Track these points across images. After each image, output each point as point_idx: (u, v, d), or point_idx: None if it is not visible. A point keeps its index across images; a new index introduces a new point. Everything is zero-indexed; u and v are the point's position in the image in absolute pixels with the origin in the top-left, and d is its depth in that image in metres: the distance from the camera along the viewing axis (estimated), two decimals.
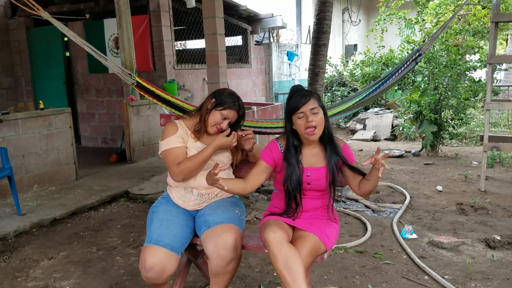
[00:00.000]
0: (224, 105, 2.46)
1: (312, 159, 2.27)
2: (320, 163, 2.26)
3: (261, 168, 2.32)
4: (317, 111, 2.17)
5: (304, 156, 2.26)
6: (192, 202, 2.50)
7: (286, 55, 10.93)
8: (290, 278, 1.94)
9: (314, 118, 2.16)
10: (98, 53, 3.43)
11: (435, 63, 6.62)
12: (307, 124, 2.15)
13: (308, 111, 2.16)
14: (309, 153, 2.28)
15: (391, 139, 8.89)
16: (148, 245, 2.30)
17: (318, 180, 2.24)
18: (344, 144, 2.31)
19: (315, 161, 2.27)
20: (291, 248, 2.02)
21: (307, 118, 2.15)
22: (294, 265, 1.96)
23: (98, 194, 4.89)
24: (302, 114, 2.17)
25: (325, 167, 2.24)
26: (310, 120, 2.14)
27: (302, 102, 2.16)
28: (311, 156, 2.28)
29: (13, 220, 4.07)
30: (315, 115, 2.16)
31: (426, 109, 6.62)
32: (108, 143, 7.97)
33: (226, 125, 2.49)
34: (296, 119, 2.19)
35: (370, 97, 4.13)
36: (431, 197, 4.75)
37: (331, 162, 2.22)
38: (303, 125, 2.16)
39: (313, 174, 2.24)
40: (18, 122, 4.76)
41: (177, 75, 7.46)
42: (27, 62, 8.40)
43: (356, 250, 3.41)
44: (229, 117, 2.48)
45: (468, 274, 2.96)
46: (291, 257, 1.97)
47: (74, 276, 3.12)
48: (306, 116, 2.16)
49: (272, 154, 2.30)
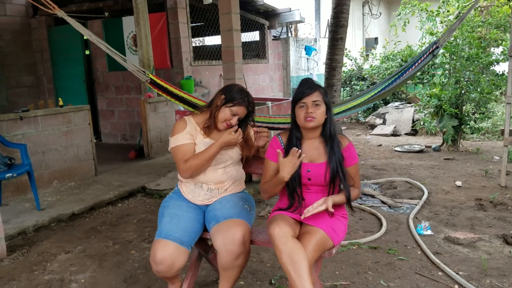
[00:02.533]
0: (234, 101, 2.47)
1: (313, 154, 2.27)
2: (320, 158, 2.26)
3: (271, 167, 2.32)
4: (319, 104, 2.19)
5: (304, 151, 2.25)
6: (201, 197, 2.52)
7: (304, 50, 10.86)
8: (294, 273, 1.94)
9: (315, 110, 2.18)
10: (113, 51, 3.47)
11: (456, 56, 6.47)
12: (306, 114, 2.17)
13: (310, 102, 2.18)
14: (310, 148, 2.28)
15: (411, 134, 8.75)
16: (158, 239, 2.34)
17: (318, 176, 2.23)
18: (348, 143, 2.29)
19: (316, 157, 2.27)
20: (296, 243, 2.01)
21: (308, 109, 2.17)
22: (299, 260, 1.95)
23: (116, 190, 4.97)
24: (303, 104, 2.19)
25: (325, 163, 2.23)
26: (310, 111, 2.17)
27: (306, 93, 2.19)
28: (311, 151, 2.28)
29: (33, 215, 4.17)
30: (316, 107, 2.18)
31: (446, 103, 6.48)
32: (128, 140, 8.08)
33: (235, 121, 2.50)
34: (297, 109, 2.22)
35: (386, 91, 4.08)
36: (450, 192, 4.66)
37: (332, 159, 2.21)
38: (302, 115, 2.18)
39: (313, 169, 2.24)
40: (38, 119, 4.87)
41: (194, 72, 7.50)
42: (48, 61, 8.58)
43: (370, 246, 3.37)
44: (238, 113, 2.48)
45: (483, 271, 2.89)
46: (296, 252, 1.97)
47: (89, 269, 3.18)
48: (307, 106, 2.18)
49: (274, 150, 2.30)
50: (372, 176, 5.45)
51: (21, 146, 4.29)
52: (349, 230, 3.73)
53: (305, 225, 2.21)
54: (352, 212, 2.38)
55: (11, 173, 4.02)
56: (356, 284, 2.82)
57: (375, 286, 2.79)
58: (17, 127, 4.64)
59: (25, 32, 8.47)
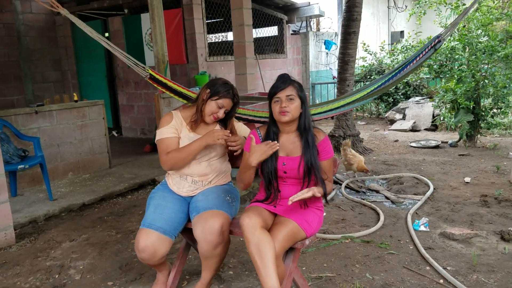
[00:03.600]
0: (219, 94, 2.55)
1: (289, 148, 2.32)
2: (296, 152, 2.31)
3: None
4: (293, 98, 2.24)
5: (281, 145, 2.30)
6: (186, 189, 2.61)
7: (323, 44, 10.80)
8: (260, 263, 2.01)
9: (289, 104, 2.23)
10: (113, 47, 3.61)
11: (472, 49, 6.33)
12: (280, 108, 2.23)
13: (284, 97, 2.24)
14: (286, 142, 2.33)
15: (431, 129, 8.59)
16: (142, 228, 2.45)
17: (293, 169, 2.28)
18: (324, 137, 2.33)
19: (291, 150, 2.32)
20: (264, 234, 2.07)
21: (281, 103, 2.23)
22: (265, 250, 2.01)
23: (127, 182, 5.14)
24: (277, 99, 2.25)
25: (300, 156, 2.27)
26: (283, 105, 2.22)
27: (280, 88, 2.25)
28: (288, 145, 2.33)
29: (45, 204, 4.38)
30: (290, 101, 2.24)
31: (461, 97, 6.35)
32: (146, 134, 8.29)
33: (222, 114, 2.58)
34: (272, 104, 2.29)
35: (386, 86, 4.06)
36: (456, 188, 4.59)
37: (307, 153, 2.25)
38: (277, 109, 2.24)
39: (288, 163, 2.29)
40: (53, 114, 5.09)
41: (209, 67, 7.61)
42: (72, 57, 8.89)
43: (363, 240, 3.39)
44: (224, 106, 2.56)
45: (472, 266, 2.87)
46: (262, 243, 2.03)
47: (89, 257, 3.33)
48: (281, 101, 2.24)
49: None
50: (381, 171, 5.42)
51: (34, 139, 4.50)
52: (345, 224, 3.76)
53: (279, 216, 2.27)
54: (327, 205, 2.42)
55: (23, 164, 4.23)
56: (341, 276, 2.85)
57: (360, 278, 2.81)
58: (33, 121, 4.87)
59: (50, 29, 8.80)
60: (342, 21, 6.60)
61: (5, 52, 8.06)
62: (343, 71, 6.55)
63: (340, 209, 4.15)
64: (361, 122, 9.61)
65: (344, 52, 6.51)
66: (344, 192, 4.59)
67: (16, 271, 3.12)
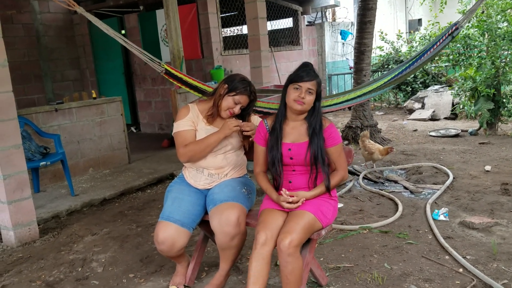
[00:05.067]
0: (236, 90, 2.57)
1: (295, 134, 2.35)
2: (302, 138, 2.33)
3: (259, 150, 2.43)
4: (312, 93, 2.27)
5: (287, 131, 2.35)
6: (202, 182, 2.65)
7: (339, 34, 10.70)
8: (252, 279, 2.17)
9: (307, 96, 2.25)
10: (130, 44, 3.67)
11: (491, 35, 6.19)
12: (298, 97, 2.25)
13: (306, 88, 2.26)
14: (292, 128, 2.36)
15: (451, 118, 8.45)
16: (161, 221, 2.51)
17: (300, 155, 2.29)
18: (329, 124, 2.34)
19: (298, 137, 2.34)
20: (267, 263, 2.19)
21: (301, 93, 2.25)
22: (260, 276, 2.18)
23: (146, 177, 5.22)
24: (298, 87, 2.26)
25: (307, 142, 2.29)
26: (302, 96, 2.25)
27: (304, 78, 2.26)
28: (293, 131, 2.36)
29: (67, 200, 4.49)
30: (309, 94, 2.26)
31: (481, 85, 6.23)
32: (164, 129, 8.38)
33: (238, 110, 2.61)
34: (290, 88, 2.29)
35: (403, 75, 4.03)
36: (476, 177, 4.52)
37: (314, 140, 2.27)
38: (293, 96, 2.26)
39: (294, 148, 2.32)
40: (73, 111, 5.19)
41: (224, 61, 7.63)
42: (90, 55, 9.02)
43: (381, 230, 3.38)
44: (241, 102, 2.59)
45: (492, 255, 2.84)
46: (262, 269, 2.18)
47: (111, 250, 3.41)
48: (301, 91, 2.25)
49: (260, 134, 2.40)
50: (400, 161, 5.37)
51: (55, 136, 4.60)
52: (363, 215, 3.75)
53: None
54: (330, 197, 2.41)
55: (45, 161, 4.33)
56: (359, 267, 2.85)
57: (378, 268, 2.81)
58: (53, 119, 4.97)
59: (68, 28, 8.93)
60: (358, 11, 6.54)
61: (25, 52, 8.22)
62: (360, 61, 6.49)
63: (358, 200, 4.14)
64: (379, 113, 9.51)
65: (360, 42, 6.44)
66: (362, 183, 4.57)
67: (40, 265, 3.21)
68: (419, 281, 2.62)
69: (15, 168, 3.53)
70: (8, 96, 3.44)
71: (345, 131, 6.66)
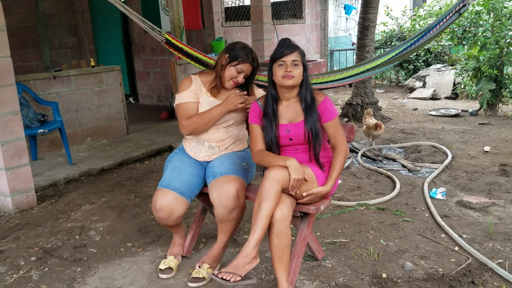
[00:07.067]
0: (238, 59, 2.52)
1: (290, 114, 2.32)
2: (298, 118, 2.30)
3: (256, 130, 2.39)
4: (297, 64, 2.23)
5: (282, 112, 2.31)
6: (203, 154, 2.63)
7: (343, 9, 10.53)
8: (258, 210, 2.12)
9: (294, 69, 2.21)
10: (130, 11, 3.57)
11: (497, 14, 6.10)
12: (285, 72, 2.20)
13: (290, 61, 2.21)
14: (287, 108, 2.33)
15: (452, 97, 8.41)
16: (160, 188, 2.50)
17: (299, 135, 2.28)
18: (324, 98, 2.31)
19: (293, 117, 2.31)
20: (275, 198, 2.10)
21: (286, 68, 2.21)
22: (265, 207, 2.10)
23: (144, 148, 5.20)
24: (282, 63, 2.22)
25: (303, 121, 2.26)
26: (289, 70, 2.20)
27: (285, 53, 2.22)
28: (288, 111, 2.32)
29: (65, 168, 4.48)
30: (295, 66, 2.22)
31: (485, 65, 6.17)
32: (162, 101, 8.31)
33: (242, 79, 2.57)
34: (275, 67, 2.25)
35: (407, 52, 3.98)
36: (475, 157, 4.53)
37: (308, 118, 2.25)
38: (281, 73, 2.22)
39: (292, 129, 2.29)
40: (71, 79, 5.13)
41: (225, 33, 7.51)
42: (89, 22, 8.86)
43: (378, 207, 3.39)
44: (244, 71, 2.55)
45: (488, 234, 2.86)
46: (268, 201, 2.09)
47: (109, 219, 3.42)
48: (286, 65, 2.21)
49: (254, 113, 2.38)
50: (399, 140, 5.37)
51: (53, 104, 4.56)
52: (361, 192, 3.76)
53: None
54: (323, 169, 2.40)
55: (43, 128, 4.30)
56: (355, 242, 2.88)
57: (374, 244, 2.83)
58: (51, 86, 4.91)
59: None
60: None
61: (22, 18, 8.07)
62: (363, 36, 6.40)
63: (355, 177, 4.15)
64: (380, 90, 9.45)
65: (364, 17, 6.33)
66: (360, 160, 4.58)
67: (38, 232, 3.23)
68: (415, 258, 2.64)
69: (13, 135, 3.51)
70: (6, 61, 3.39)
71: (345, 108, 6.62)
